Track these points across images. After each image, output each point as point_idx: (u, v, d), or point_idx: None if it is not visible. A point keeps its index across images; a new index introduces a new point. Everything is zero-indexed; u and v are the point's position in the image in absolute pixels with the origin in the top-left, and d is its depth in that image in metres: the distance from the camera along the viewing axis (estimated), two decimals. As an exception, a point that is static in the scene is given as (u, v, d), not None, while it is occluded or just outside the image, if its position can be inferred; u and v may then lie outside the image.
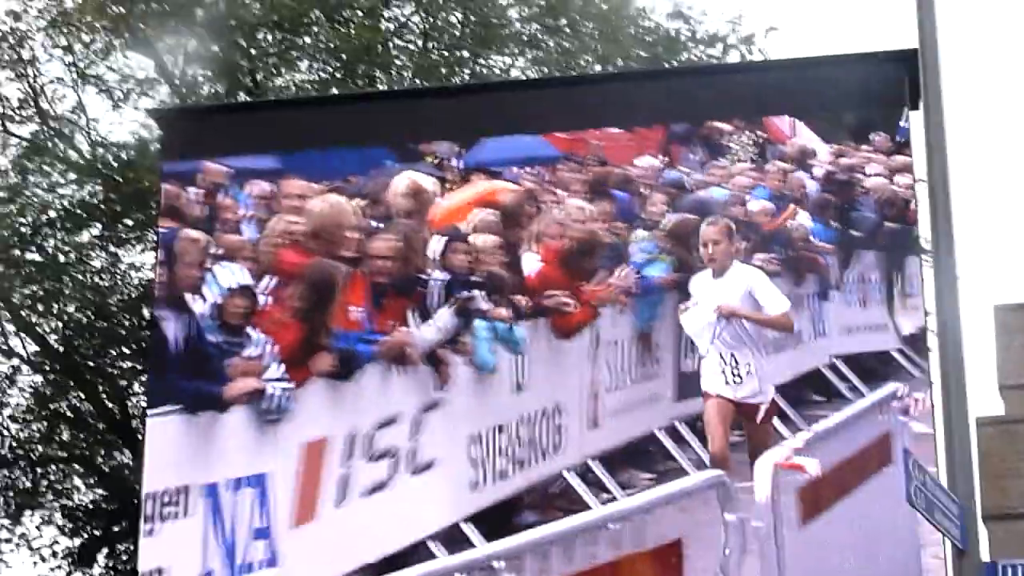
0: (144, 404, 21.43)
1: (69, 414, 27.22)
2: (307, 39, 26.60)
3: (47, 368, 26.88)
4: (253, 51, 26.43)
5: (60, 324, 26.64)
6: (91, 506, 27.73)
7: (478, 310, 10.43)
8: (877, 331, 11.48)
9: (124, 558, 26.23)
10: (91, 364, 26.54)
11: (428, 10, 26.80)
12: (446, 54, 26.49)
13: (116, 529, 26.88)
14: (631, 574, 9.85)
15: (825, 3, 65.75)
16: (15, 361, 26.85)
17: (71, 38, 26.16)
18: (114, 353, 26.77)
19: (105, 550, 27.18)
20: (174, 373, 10.56)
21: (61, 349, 26.46)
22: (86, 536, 27.44)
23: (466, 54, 26.60)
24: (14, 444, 27.09)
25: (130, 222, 26.14)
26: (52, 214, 26.31)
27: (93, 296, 26.05)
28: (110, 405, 26.68)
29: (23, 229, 25.92)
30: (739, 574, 10.01)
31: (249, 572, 9.97)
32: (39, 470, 27.46)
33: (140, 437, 23.27)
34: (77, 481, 27.79)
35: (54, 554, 27.14)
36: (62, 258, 26.38)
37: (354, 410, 9.84)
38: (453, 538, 9.86)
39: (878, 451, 11.06)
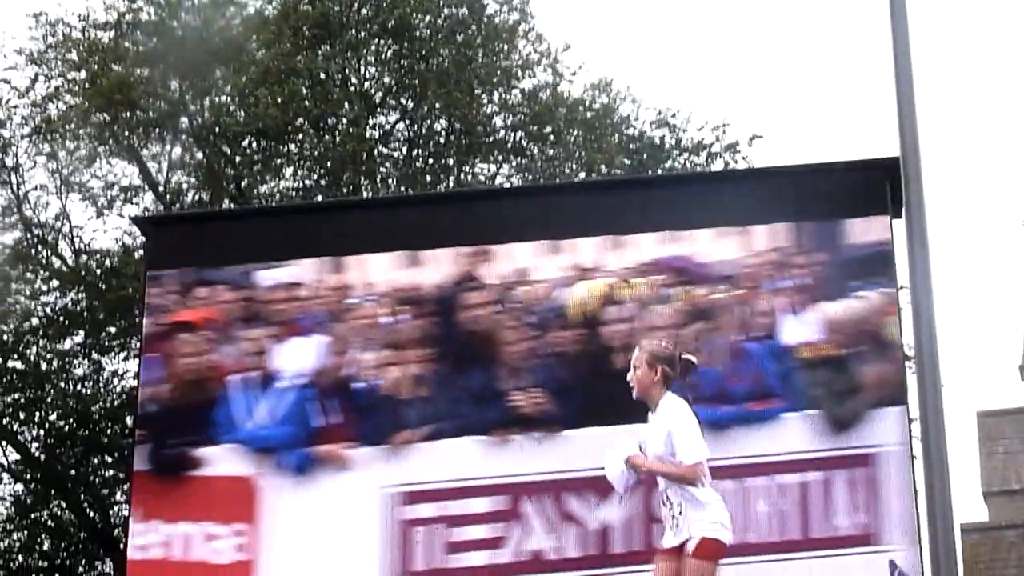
0: (126, 513, 21.29)
1: (50, 523, 26.96)
2: (292, 147, 26.71)
3: (28, 477, 26.68)
4: (238, 158, 26.52)
5: (42, 432, 26.47)
6: (72, 616, 27.43)
7: None
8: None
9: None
10: (73, 473, 26.35)
11: (413, 118, 26.95)
12: (431, 161, 26.62)
13: (98, 640, 26.59)
14: None
15: (810, 111, 66.24)
16: (-4, 469, 26.67)
17: (55, 145, 26.23)
18: (96, 461, 26.59)
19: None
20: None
21: (42, 457, 26.28)
22: (67, 647, 27.12)
23: (451, 162, 26.73)
24: (-6, 554, 26.84)
25: (113, 329, 26.08)
26: (35, 321, 26.27)
27: (75, 404, 25.91)
28: (92, 514, 26.46)
29: (5, 336, 25.83)
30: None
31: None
32: (20, 580, 27.20)
33: (122, 546, 23.11)
34: (58, 591, 27.52)
35: (35, 666, 26.81)
36: (44, 366, 26.30)
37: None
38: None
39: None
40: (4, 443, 26.46)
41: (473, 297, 11.88)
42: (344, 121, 26.15)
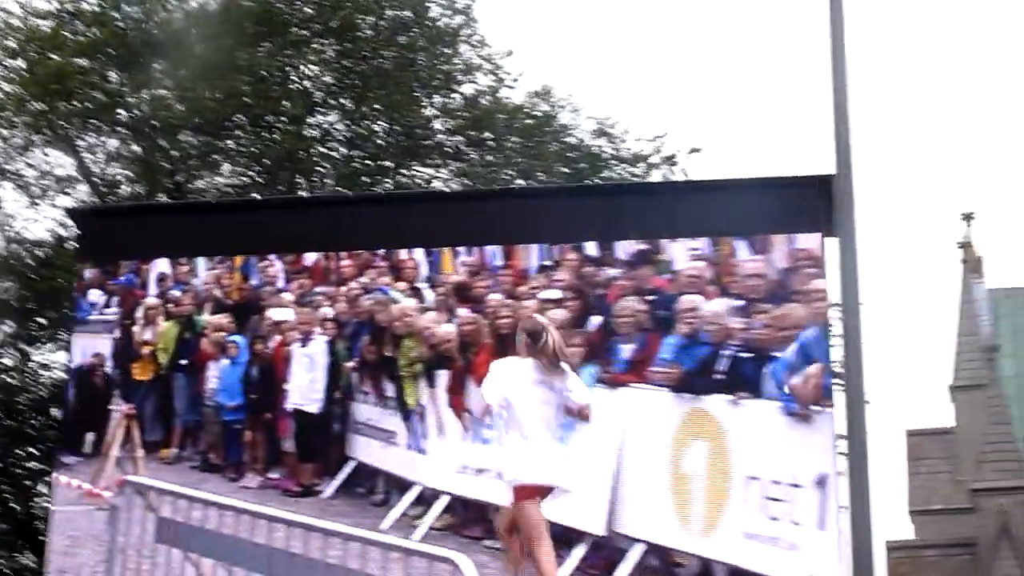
0: (47, 505, 21.15)
1: (-29, 513, 26.77)
2: (229, 143, 26.60)
3: (-49, 466, 26.47)
4: (175, 153, 26.40)
5: (-34, 422, 26.27)
6: (-10, 609, 27.18)
7: None
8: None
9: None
10: (-4, 463, 26.17)
11: (353, 119, 26.90)
12: (369, 163, 26.57)
13: (16, 632, 26.37)
14: None
15: (749, 125, 66.73)
16: (-82, 459, 26.41)
17: (-10, 132, 26.05)
18: (21, 453, 26.39)
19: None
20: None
21: (-34, 447, 26.08)
22: (-15, 639, 26.89)
23: (389, 163, 26.69)
24: (-86, 544, 26.58)
25: (43, 321, 25.90)
26: (-37, 310, 26.06)
27: (1, 394, 25.70)
28: (14, 506, 26.26)
29: (-68, 325, 25.65)
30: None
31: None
32: (-62, 570, 26.94)
33: (42, 539, 22.96)
34: (-23, 582, 27.27)
35: (-47, 658, 26.56)
36: (-29, 355, 26.11)
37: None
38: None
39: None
40: (-72, 432, 26.25)
41: None
42: (283, 119, 26.09)
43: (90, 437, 11.67)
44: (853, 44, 10.93)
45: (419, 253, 11.74)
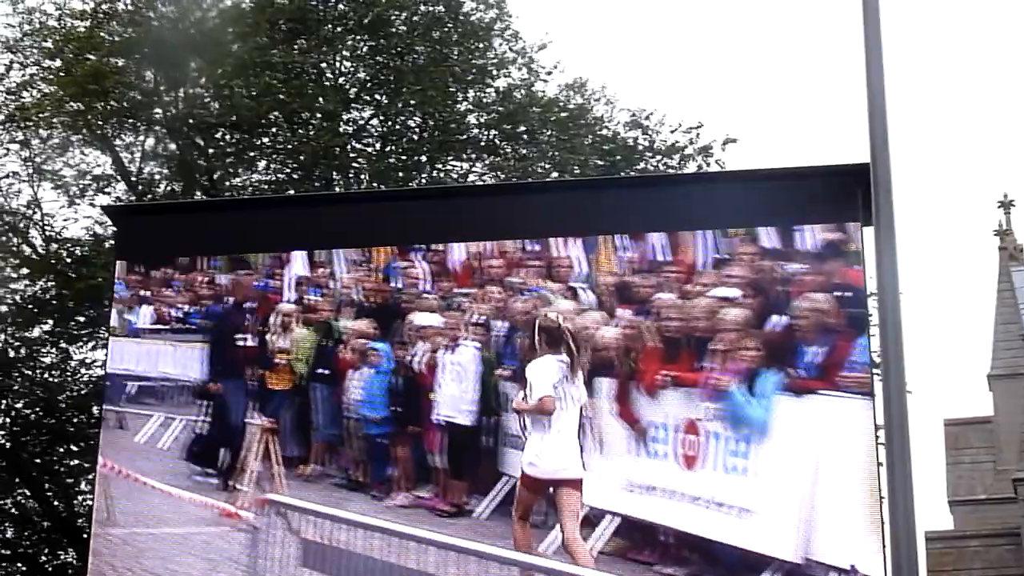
0: (89, 503, 21.23)
1: (14, 511, 26.90)
2: (265, 140, 26.69)
3: (-7, 465, 26.60)
4: (211, 150, 26.49)
5: (7, 420, 26.39)
6: (34, 606, 27.33)
7: None
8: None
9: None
10: (38, 461, 26.27)
11: (387, 114, 26.94)
12: (404, 158, 26.60)
13: (59, 630, 26.48)
14: None
15: (784, 116, 66.51)
16: (-41, 458, 26.55)
17: (28, 133, 26.15)
18: (61, 450, 26.52)
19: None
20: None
21: (8, 445, 26.19)
22: (28, 636, 27.03)
23: (424, 158, 26.71)
24: (-43, 542, 26.73)
25: (82, 318, 26.02)
26: (3, 309, 26.18)
27: (42, 392, 25.84)
28: (56, 503, 26.39)
29: (-28, 324, 25.78)
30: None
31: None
32: (-19, 568, 27.10)
33: (85, 536, 23.05)
34: (20, 580, 27.42)
35: (-5, 654, 26.70)
36: (12, 353, 26.21)
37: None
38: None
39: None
40: (-31, 431, 26.39)
41: None
42: (318, 115, 26.14)
43: (223, 453, 11.07)
44: (888, 31, 10.86)
45: (574, 250, 10.84)
